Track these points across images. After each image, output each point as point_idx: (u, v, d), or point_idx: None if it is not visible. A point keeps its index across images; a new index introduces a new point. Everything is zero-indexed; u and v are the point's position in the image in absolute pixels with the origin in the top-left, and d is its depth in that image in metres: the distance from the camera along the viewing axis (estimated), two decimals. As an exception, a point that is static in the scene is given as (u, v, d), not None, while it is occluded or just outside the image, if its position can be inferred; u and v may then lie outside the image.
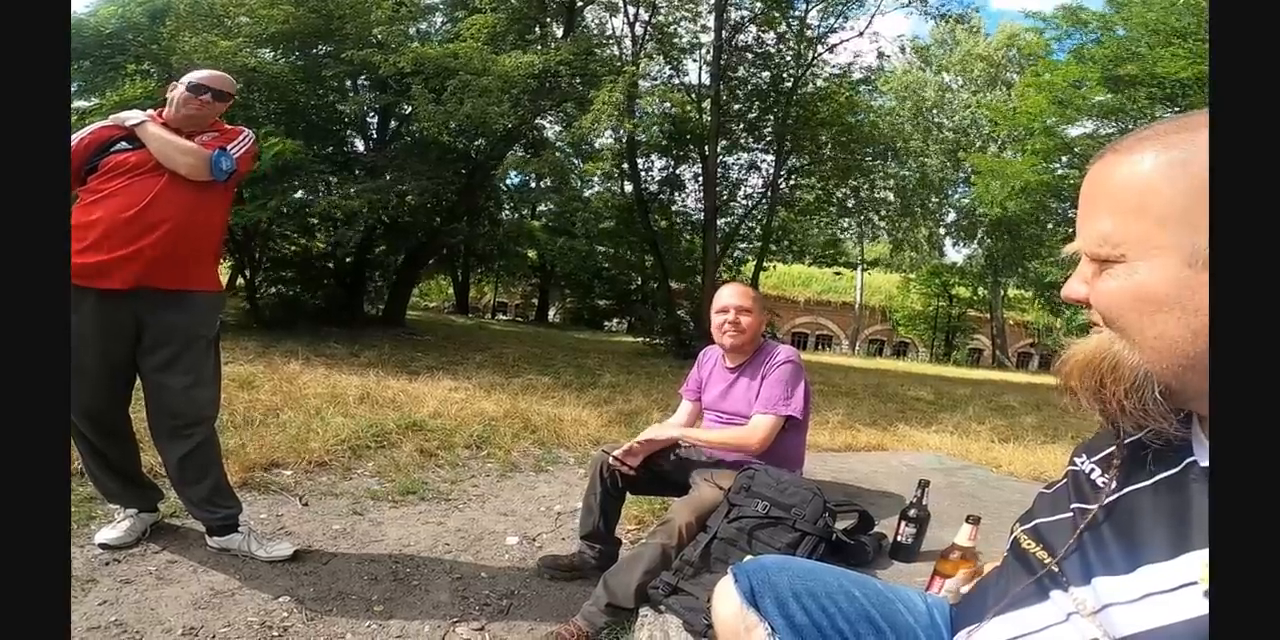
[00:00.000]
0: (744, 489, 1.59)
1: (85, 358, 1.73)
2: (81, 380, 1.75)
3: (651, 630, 1.38)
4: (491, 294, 24.87)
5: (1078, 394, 0.59)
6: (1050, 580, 0.63)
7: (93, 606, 1.57)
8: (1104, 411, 0.58)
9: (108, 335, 1.74)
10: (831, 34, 10.94)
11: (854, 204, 13.13)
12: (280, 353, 5.85)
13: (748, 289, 1.96)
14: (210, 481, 1.90)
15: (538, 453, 3.49)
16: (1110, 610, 0.56)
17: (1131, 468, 0.62)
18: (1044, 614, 0.62)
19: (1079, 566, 0.61)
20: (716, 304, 1.93)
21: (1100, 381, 0.56)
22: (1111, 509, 0.61)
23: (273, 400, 3.72)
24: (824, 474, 2.43)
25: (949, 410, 6.65)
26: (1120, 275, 0.54)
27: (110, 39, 6.97)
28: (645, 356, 9.85)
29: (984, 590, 0.71)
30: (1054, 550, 0.64)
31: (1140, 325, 0.53)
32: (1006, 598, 0.65)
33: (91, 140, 1.80)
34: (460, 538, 2.27)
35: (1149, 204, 0.51)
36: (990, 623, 0.65)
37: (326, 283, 9.96)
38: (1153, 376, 0.53)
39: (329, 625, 1.62)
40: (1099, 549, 0.60)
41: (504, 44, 7.79)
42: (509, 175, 10.71)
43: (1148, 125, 0.56)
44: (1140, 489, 0.60)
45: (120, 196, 1.73)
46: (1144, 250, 0.52)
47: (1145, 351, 0.53)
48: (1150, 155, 0.53)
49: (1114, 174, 0.55)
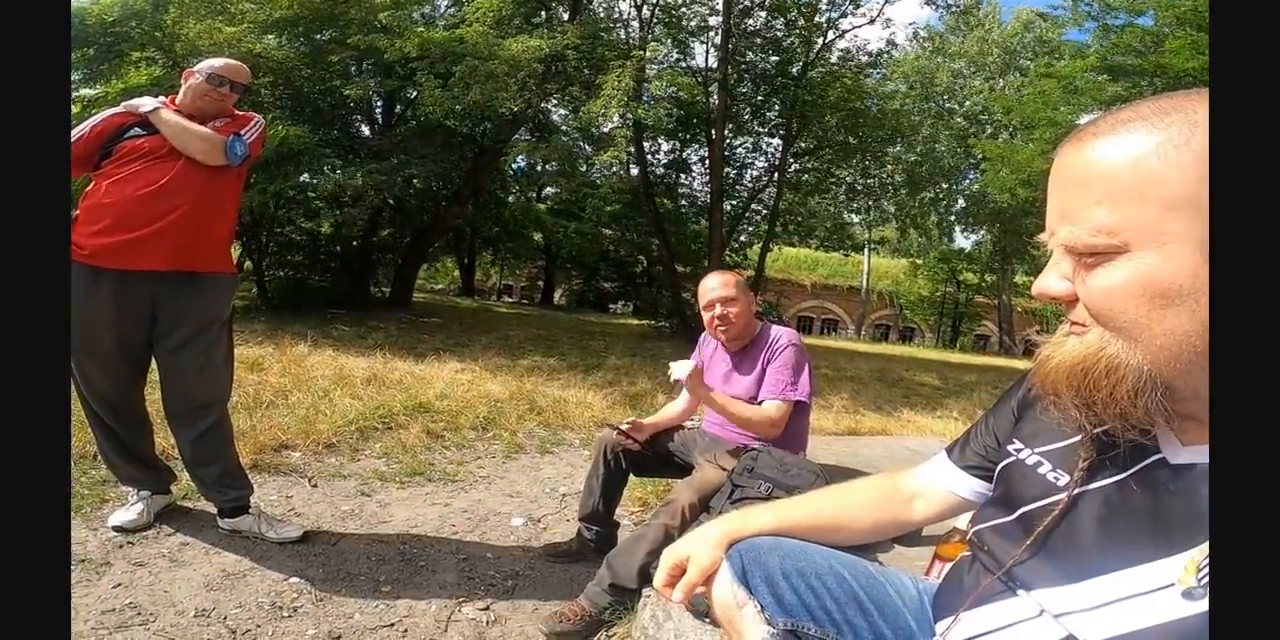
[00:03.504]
0: (747, 470, 1.60)
1: (102, 340, 1.75)
2: (97, 363, 1.77)
3: (654, 610, 1.41)
4: (497, 277, 24.89)
5: (1062, 399, 0.55)
6: (1013, 581, 0.61)
7: (107, 589, 1.59)
8: (1095, 419, 0.54)
9: (124, 317, 1.76)
10: (843, 19, 10.75)
11: (862, 187, 12.99)
12: (289, 335, 5.89)
13: (728, 276, 1.91)
14: (222, 463, 1.93)
15: (543, 434, 3.53)
16: (1078, 615, 0.54)
17: (1095, 465, 0.59)
18: (1016, 609, 0.61)
19: (1044, 568, 0.59)
20: (701, 299, 1.90)
21: (1093, 386, 0.52)
22: (1074, 509, 0.59)
23: (281, 382, 3.76)
24: (828, 457, 2.44)
25: (954, 396, 6.65)
26: (1122, 267, 0.49)
27: (114, 26, 6.96)
28: (650, 339, 9.87)
29: (958, 580, 0.70)
30: (1008, 552, 0.62)
31: (1147, 321, 0.48)
32: (977, 591, 0.64)
33: (105, 126, 1.80)
34: (466, 519, 2.30)
35: (1152, 189, 0.47)
36: (965, 616, 0.64)
37: (333, 266, 10.01)
38: (1156, 377, 0.50)
39: (338, 605, 1.65)
40: (1065, 550, 0.58)
41: (510, 28, 7.69)
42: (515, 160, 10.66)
43: (1120, 108, 0.52)
44: (1104, 487, 0.58)
45: (136, 181, 1.74)
46: (1151, 238, 0.47)
47: (1150, 350, 0.49)
48: (1144, 137, 0.49)
49: (1103, 158, 0.50)
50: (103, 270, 1.71)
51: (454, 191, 9.85)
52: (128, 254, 1.72)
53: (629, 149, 9.74)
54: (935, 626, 0.70)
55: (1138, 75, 9.58)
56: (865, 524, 0.83)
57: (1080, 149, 0.52)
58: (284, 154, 6.75)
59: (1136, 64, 9.43)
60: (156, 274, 1.75)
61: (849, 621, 0.70)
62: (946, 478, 0.80)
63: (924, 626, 0.72)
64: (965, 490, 0.79)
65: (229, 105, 1.94)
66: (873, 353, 12.43)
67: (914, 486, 0.83)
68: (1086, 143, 0.52)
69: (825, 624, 0.69)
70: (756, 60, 10.76)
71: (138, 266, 1.73)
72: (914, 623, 0.72)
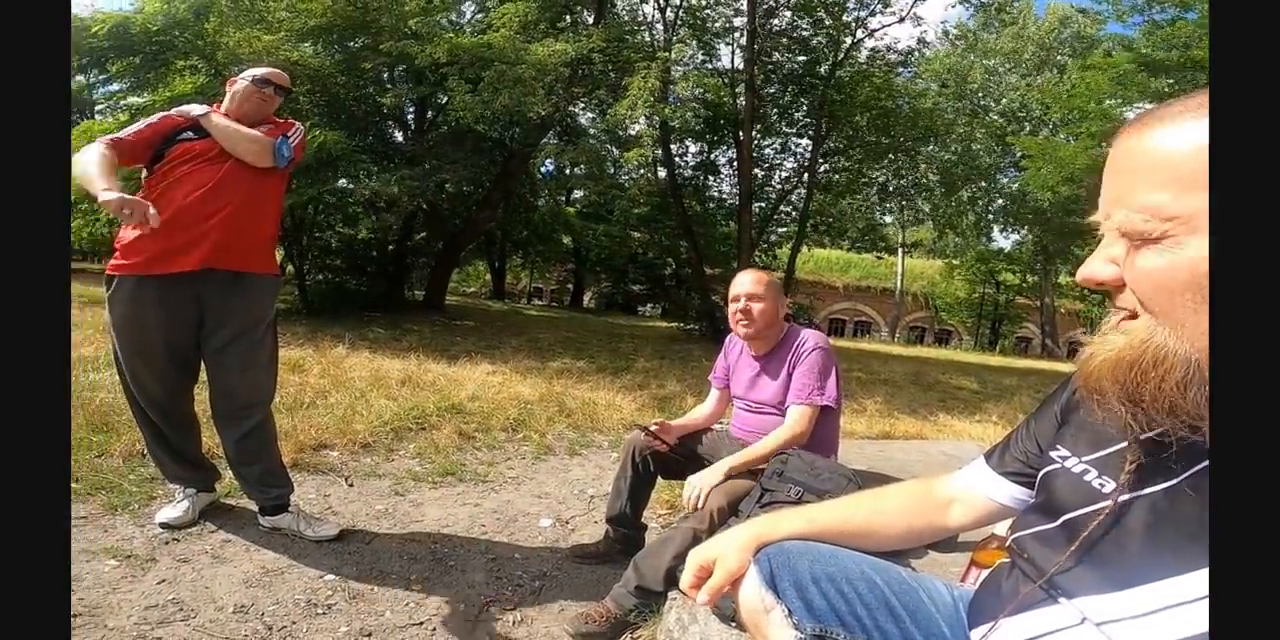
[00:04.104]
0: (776, 474, 1.58)
1: (151, 344, 1.81)
2: (148, 366, 1.84)
3: (680, 613, 1.40)
4: (527, 279, 25.14)
5: (1107, 396, 0.53)
6: (1055, 588, 0.60)
7: (151, 585, 1.64)
8: (1143, 417, 0.52)
9: (172, 320, 1.82)
10: (872, 18, 10.56)
11: (894, 187, 12.75)
12: (328, 337, 6.05)
13: (762, 274, 1.90)
14: (265, 462, 1.99)
15: (572, 436, 3.54)
16: (1121, 623, 0.53)
17: (1144, 471, 0.57)
18: (1057, 617, 0.59)
19: (1087, 575, 0.58)
20: (730, 292, 1.89)
21: (1141, 379, 0.51)
22: (1120, 516, 0.58)
23: (321, 383, 3.87)
24: (860, 462, 2.39)
25: (994, 400, 6.46)
26: (1173, 252, 0.49)
27: (158, 35, 7.18)
28: (679, 341, 9.84)
29: (996, 587, 0.68)
30: (1051, 560, 0.61)
31: (1195, 307, 0.48)
32: (1017, 598, 0.63)
33: (162, 125, 1.88)
34: (496, 519, 2.32)
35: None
36: (1003, 623, 0.63)
37: (370, 269, 10.26)
38: (1205, 368, 0.49)
39: (370, 603, 1.68)
40: (1111, 558, 0.57)
41: (535, 32, 7.79)
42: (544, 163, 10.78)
43: (1178, 100, 0.52)
44: (1153, 494, 0.56)
45: (186, 183, 1.82)
46: (1205, 225, 0.47)
47: (1198, 339, 0.48)
48: (1207, 126, 0.49)
49: (1164, 145, 0.50)
50: (149, 276, 1.77)
51: (484, 195, 10.00)
52: (177, 257, 1.78)
53: (656, 151, 9.76)
54: (971, 634, 0.68)
55: (1180, 70, 9.25)
56: (899, 529, 0.81)
57: (1142, 135, 0.52)
58: (323, 159, 6.94)
59: (1181, 59, 9.10)
60: (201, 274, 1.81)
61: (880, 627, 0.68)
62: (985, 484, 0.79)
63: (958, 633, 0.70)
64: (1004, 497, 0.77)
65: (271, 108, 2.00)
66: (907, 355, 12.17)
67: (951, 492, 0.82)
68: (1149, 129, 0.52)
69: (855, 630, 0.67)
70: (783, 60, 10.67)
71: (183, 268, 1.79)
72: (948, 629, 0.70)
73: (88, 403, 2.80)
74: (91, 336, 4.83)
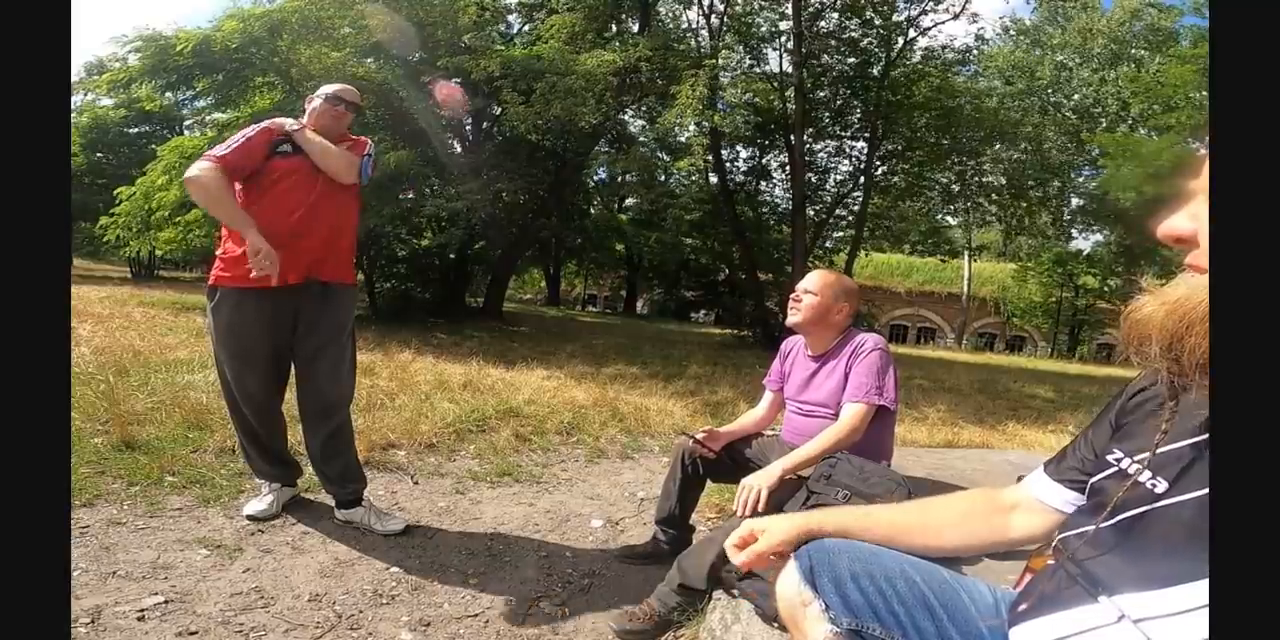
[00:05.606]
0: (824, 477, 1.57)
1: (254, 349, 1.96)
2: (250, 369, 1.99)
3: (723, 613, 1.41)
4: (581, 286, 25.51)
5: (1150, 345, 0.54)
6: (1096, 586, 0.61)
7: (237, 573, 1.77)
8: (1178, 371, 0.53)
9: (275, 328, 1.97)
10: (924, 16, 10.24)
11: (959, 189, 12.27)
12: (395, 342, 6.35)
13: (826, 274, 1.90)
14: (345, 459, 2.12)
15: (624, 440, 3.59)
16: (1159, 621, 0.54)
17: (1194, 472, 0.57)
18: (1095, 614, 0.60)
19: (1130, 572, 0.58)
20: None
21: (1185, 331, 0.51)
22: (1169, 516, 0.58)
23: (389, 386, 4.06)
24: (918, 470, 2.33)
25: (1071, 409, 6.13)
26: None
27: (237, 53, 7.50)
28: (732, 348, 9.78)
29: (1038, 586, 0.69)
30: (1095, 558, 0.61)
31: None
32: (1057, 596, 0.63)
33: (263, 138, 1.99)
34: (549, 518, 2.39)
35: None
36: (1042, 621, 0.63)
37: (433, 278, 10.68)
38: None
39: (430, 595, 1.77)
40: (1155, 556, 0.57)
41: (583, 43, 7.95)
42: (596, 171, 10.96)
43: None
44: (1202, 496, 0.56)
45: (287, 200, 1.96)
46: None
47: None
48: None
49: None
50: (248, 289, 1.91)
51: (539, 204, 10.25)
52: (281, 272, 1.87)
53: (707, 157, 9.75)
54: (1010, 633, 0.68)
55: None
56: (956, 535, 0.81)
57: None
58: (394, 176, 7.26)
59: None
60: (305, 285, 1.96)
61: (916, 625, 0.69)
62: (1044, 490, 0.79)
63: (996, 632, 0.70)
64: (1060, 502, 0.77)
65: (345, 124, 2.13)
66: (975, 363, 11.68)
67: (1013, 498, 0.82)
68: None
69: (891, 626, 0.69)
70: (833, 62, 10.48)
71: (286, 282, 1.91)
72: (986, 629, 0.70)
73: (183, 402, 3.05)
74: (186, 341, 5.24)
